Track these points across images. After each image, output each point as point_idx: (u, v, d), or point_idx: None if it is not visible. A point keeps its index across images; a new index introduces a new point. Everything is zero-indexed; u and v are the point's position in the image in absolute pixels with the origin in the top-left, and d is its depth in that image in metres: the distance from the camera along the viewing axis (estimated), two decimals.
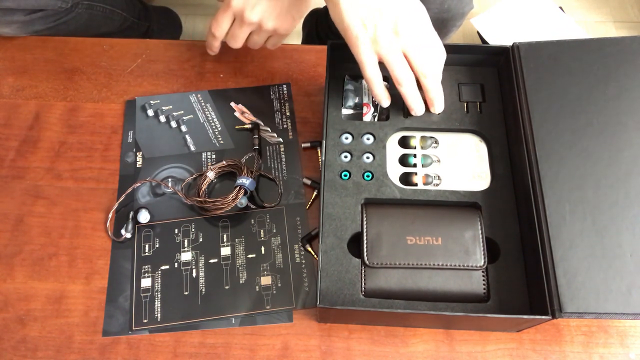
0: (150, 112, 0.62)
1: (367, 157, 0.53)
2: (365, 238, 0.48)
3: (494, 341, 0.50)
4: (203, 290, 0.52)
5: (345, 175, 0.52)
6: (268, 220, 0.56)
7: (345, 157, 0.53)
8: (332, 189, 0.51)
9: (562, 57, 0.52)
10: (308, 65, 0.66)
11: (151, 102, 0.63)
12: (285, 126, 0.62)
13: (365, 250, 0.47)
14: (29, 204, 0.57)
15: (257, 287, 0.53)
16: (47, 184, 0.58)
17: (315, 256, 0.54)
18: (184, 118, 0.62)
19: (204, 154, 0.60)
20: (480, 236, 0.48)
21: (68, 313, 0.52)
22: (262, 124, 0.62)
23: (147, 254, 0.54)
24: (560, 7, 1.20)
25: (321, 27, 1.05)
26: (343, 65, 0.57)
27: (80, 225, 0.56)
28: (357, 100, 0.57)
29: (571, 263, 0.43)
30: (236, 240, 0.55)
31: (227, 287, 0.52)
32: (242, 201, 0.56)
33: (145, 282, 0.53)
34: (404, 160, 0.53)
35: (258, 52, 0.67)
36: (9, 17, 0.65)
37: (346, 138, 0.54)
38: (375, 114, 0.56)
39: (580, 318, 0.42)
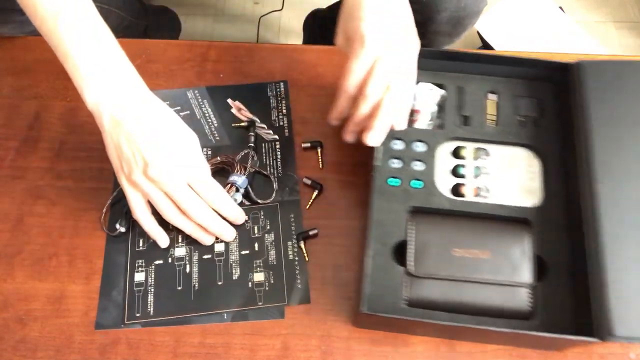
0: None
1: (417, 165, 0.52)
2: (411, 247, 0.48)
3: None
4: (196, 285, 0.53)
5: (393, 181, 0.51)
6: (262, 217, 0.56)
7: (395, 162, 0.52)
8: (380, 195, 0.50)
9: (627, 77, 0.50)
10: (308, 65, 0.66)
11: None
12: (281, 124, 0.62)
13: (410, 259, 0.47)
14: (29, 204, 0.57)
15: (249, 283, 0.53)
16: (47, 184, 0.58)
17: (306, 255, 0.54)
18: (181, 114, 0.62)
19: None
20: (529, 253, 0.47)
21: (68, 313, 0.52)
22: (259, 121, 0.62)
23: (141, 248, 0.55)
24: (560, 7, 1.20)
25: (325, 28, 1.05)
26: None
27: (80, 225, 0.56)
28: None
29: (625, 286, 0.42)
30: None
31: (220, 283, 0.53)
32: (237, 197, 0.56)
33: (139, 277, 0.53)
34: (454, 170, 0.53)
35: (258, 52, 0.67)
36: (7, 17, 0.64)
37: (396, 144, 0.53)
38: (430, 121, 0.55)
39: (630, 343, 0.41)
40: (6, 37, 0.68)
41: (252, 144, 0.59)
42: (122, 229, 0.55)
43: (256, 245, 0.55)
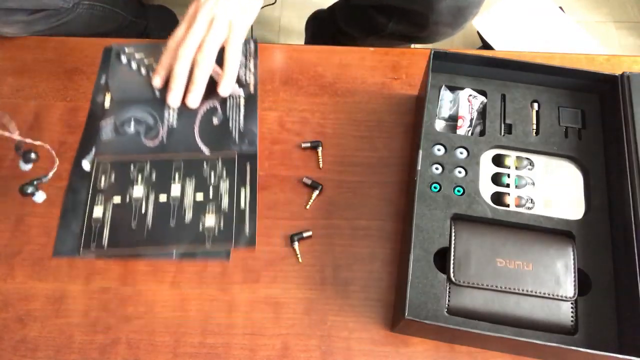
0: (124, 59, 0.66)
1: (459, 172, 0.52)
2: (452, 254, 0.47)
3: None
4: (150, 224, 0.55)
5: (435, 187, 0.51)
6: (219, 166, 0.58)
7: (437, 168, 0.52)
8: (421, 200, 0.50)
9: None
10: (308, 65, 0.66)
11: (125, 49, 0.66)
12: (248, 81, 0.64)
13: (452, 266, 0.47)
14: (29, 204, 0.57)
15: (200, 226, 0.55)
16: (47, 184, 0.58)
17: (299, 257, 0.54)
18: (154, 66, 0.65)
19: None
20: (573, 266, 0.47)
21: (68, 313, 0.52)
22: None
23: (102, 186, 0.58)
24: (560, 7, 1.21)
25: (326, 28, 1.06)
26: (440, 75, 0.57)
27: None
28: (452, 112, 0.56)
29: None
30: (187, 180, 0.58)
31: (172, 224, 0.55)
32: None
33: (97, 212, 0.56)
34: (496, 179, 0.53)
35: (258, 52, 0.66)
36: (11, 17, 0.65)
37: (438, 150, 0.53)
38: (470, 128, 0.55)
39: None
40: (7, 37, 0.68)
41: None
42: (87, 168, 0.58)
43: (211, 191, 0.57)
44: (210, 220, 0.55)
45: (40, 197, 0.53)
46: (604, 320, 0.46)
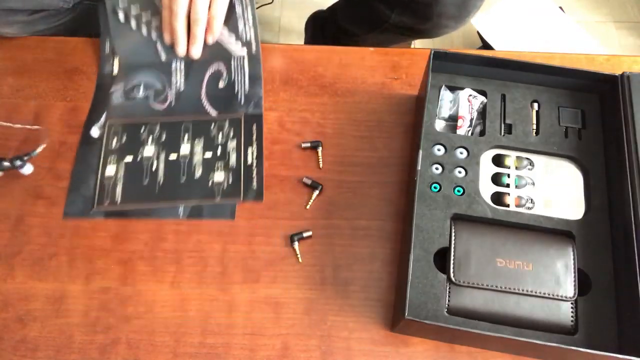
0: (122, 17, 0.65)
1: (459, 172, 0.52)
2: (452, 254, 0.47)
3: None
4: (161, 181, 0.58)
5: (435, 187, 0.51)
6: (227, 126, 0.60)
7: (437, 168, 0.52)
8: (421, 200, 0.50)
9: None
10: (308, 65, 0.66)
11: (120, 3, 0.65)
12: (248, 39, 0.64)
13: (452, 266, 0.47)
14: (29, 204, 0.57)
15: (210, 182, 0.57)
16: (47, 184, 0.58)
17: (299, 257, 0.54)
18: (153, 23, 0.64)
19: (174, 63, 0.64)
20: (573, 267, 0.47)
21: (68, 313, 0.52)
22: (228, 31, 0.64)
23: (113, 147, 0.60)
24: (560, 7, 1.21)
25: (327, 28, 1.06)
26: (440, 75, 0.57)
27: (80, 225, 0.56)
28: (452, 112, 0.56)
29: None
30: (196, 140, 0.60)
31: (182, 180, 0.57)
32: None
33: (110, 171, 0.58)
34: (496, 179, 0.53)
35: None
36: (11, 17, 0.65)
37: (438, 150, 0.53)
38: (470, 128, 0.55)
39: None
40: (7, 37, 0.68)
41: None
42: (96, 135, 0.60)
43: (219, 150, 0.59)
44: (219, 176, 0.58)
45: (27, 169, 0.56)
46: (604, 320, 0.46)
